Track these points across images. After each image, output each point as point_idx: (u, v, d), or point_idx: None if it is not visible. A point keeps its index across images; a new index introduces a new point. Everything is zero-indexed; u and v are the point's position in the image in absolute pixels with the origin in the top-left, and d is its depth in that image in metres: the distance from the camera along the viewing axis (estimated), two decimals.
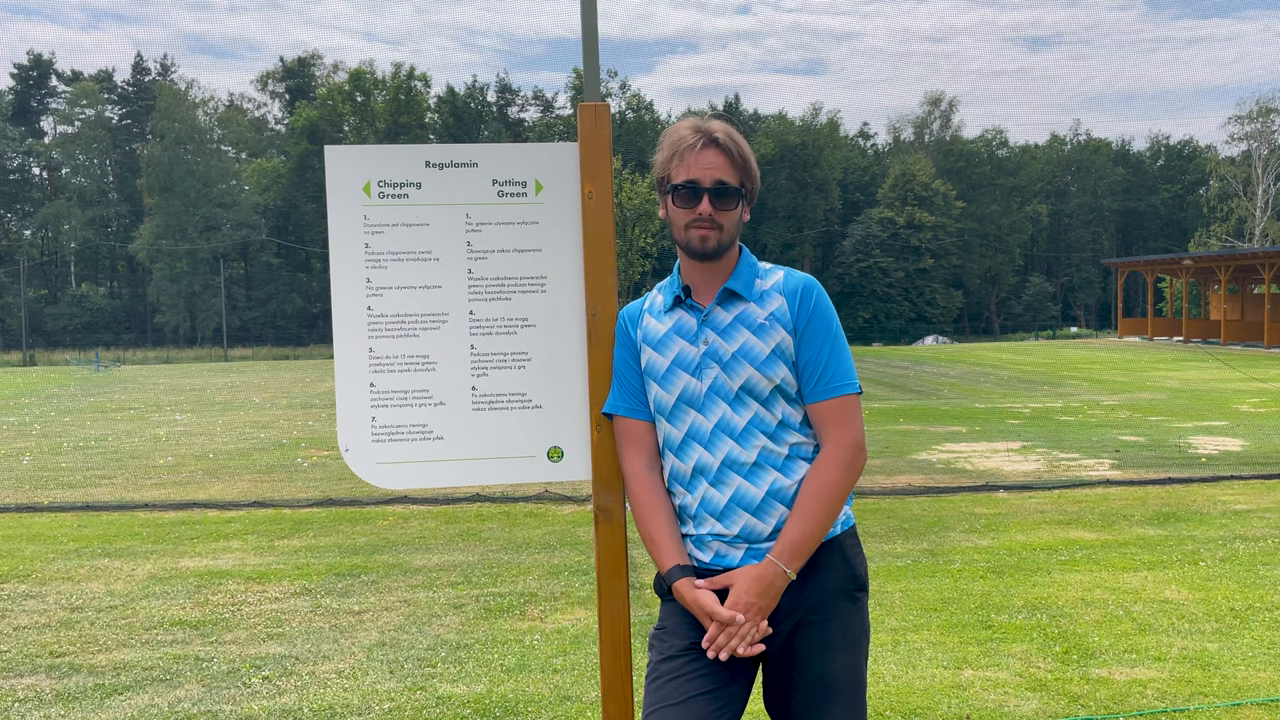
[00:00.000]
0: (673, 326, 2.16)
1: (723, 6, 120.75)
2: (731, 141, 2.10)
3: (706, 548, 2.10)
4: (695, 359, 2.10)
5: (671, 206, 2.13)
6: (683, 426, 2.11)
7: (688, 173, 2.08)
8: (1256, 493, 8.75)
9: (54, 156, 70.38)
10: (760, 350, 2.07)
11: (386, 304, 2.33)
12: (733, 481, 2.06)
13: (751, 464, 2.06)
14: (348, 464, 2.34)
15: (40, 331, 61.27)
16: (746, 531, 2.05)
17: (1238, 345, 38.87)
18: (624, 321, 2.27)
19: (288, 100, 74.52)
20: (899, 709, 4.02)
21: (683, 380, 2.11)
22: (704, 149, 2.08)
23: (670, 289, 2.21)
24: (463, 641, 4.97)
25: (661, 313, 2.20)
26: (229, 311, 62.13)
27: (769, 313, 2.11)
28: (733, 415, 2.07)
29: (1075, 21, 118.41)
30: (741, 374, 2.07)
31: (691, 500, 2.11)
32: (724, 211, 2.09)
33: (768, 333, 2.09)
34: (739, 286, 2.13)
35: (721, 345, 2.09)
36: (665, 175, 2.14)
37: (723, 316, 2.12)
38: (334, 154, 2.33)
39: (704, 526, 2.09)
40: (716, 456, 2.07)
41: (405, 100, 69.64)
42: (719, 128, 2.11)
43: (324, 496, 9.21)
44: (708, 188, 2.07)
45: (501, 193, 2.37)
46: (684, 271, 2.19)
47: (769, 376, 2.07)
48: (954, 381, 23.52)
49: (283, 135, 73.99)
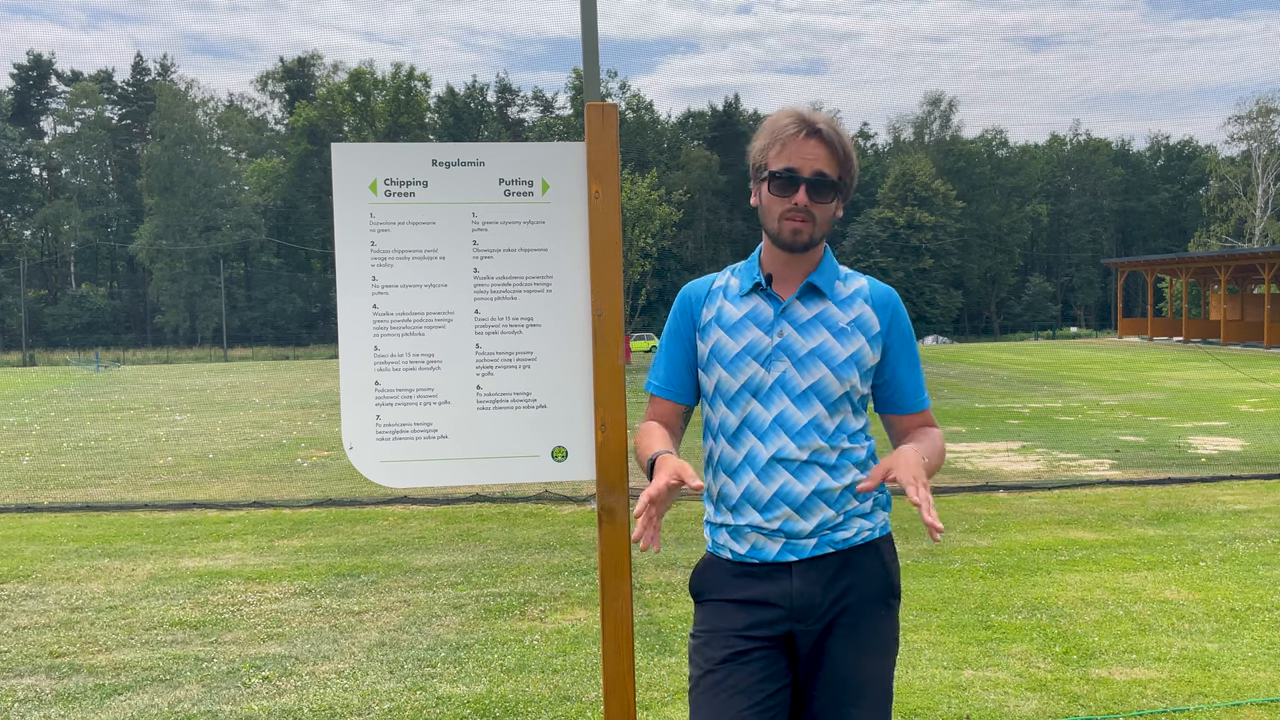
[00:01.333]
0: (748, 313, 2.11)
1: (723, 6, 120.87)
2: (835, 134, 2.05)
3: (744, 539, 2.08)
4: (767, 349, 2.07)
5: (766, 194, 2.08)
6: (740, 414, 2.08)
7: (787, 160, 2.03)
8: (1256, 493, 8.75)
9: (54, 156, 70.41)
10: (838, 354, 2.06)
11: (392, 302, 2.33)
12: (779, 476, 2.04)
13: (802, 462, 2.04)
14: (352, 462, 2.34)
15: (40, 332, 61.27)
16: (787, 526, 2.04)
17: (1238, 345, 38.88)
18: (687, 299, 2.21)
19: (287, 100, 74.54)
20: (899, 709, 4.02)
21: (750, 369, 2.07)
22: (807, 138, 2.03)
23: (749, 274, 2.15)
24: (463, 642, 4.97)
25: (738, 296, 2.14)
26: (229, 312, 62.12)
27: (852, 318, 2.09)
28: (794, 411, 2.05)
29: (1076, 21, 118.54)
30: (814, 373, 2.05)
31: (735, 489, 2.08)
32: (820, 204, 2.04)
33: (848, 338, 2.08)
34: (823, 283, 2.10)
35: (797, 340, 2.07)
36: (762, 162, 2.08)
37: (802, 312, 2.09)
38: (341, 151, 2.33)
39: (744, 517, 2.07)
40: (769, 449, 2.04)
41: (405, 100, 69.68)
42: (822, 119, 2.06)
43: (324, 496, 9.21)
44: (806, 178, 2.03)
45: (508, 192, 2.37)
46: (765, 260, 2.14)
47: (842, 381, 2.06)
48: (954, 381, 23.52)
49: (282, 135, 74.00)
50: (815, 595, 2.04)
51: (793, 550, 2.05)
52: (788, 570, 2.05)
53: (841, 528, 2.07)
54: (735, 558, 2.09)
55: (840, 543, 2.06)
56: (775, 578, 2.05)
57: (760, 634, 2.05)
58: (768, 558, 2.06)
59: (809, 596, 2.04)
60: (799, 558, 2.05)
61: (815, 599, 2.04)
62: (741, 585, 2.08)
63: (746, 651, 2.04)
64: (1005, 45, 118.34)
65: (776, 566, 2.06)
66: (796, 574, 2.05)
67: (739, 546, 2.09)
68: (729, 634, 2.06)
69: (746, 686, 2.01)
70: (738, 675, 2.02)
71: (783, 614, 2.05)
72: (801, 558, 2.05)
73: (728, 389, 2.10)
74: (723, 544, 2.12)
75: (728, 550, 2.11)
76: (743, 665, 2.03)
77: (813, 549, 2.05)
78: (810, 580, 2.04)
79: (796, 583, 2.04)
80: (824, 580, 2.04)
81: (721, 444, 2.12)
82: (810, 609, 2.04)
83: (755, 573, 2.07)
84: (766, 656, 2.04)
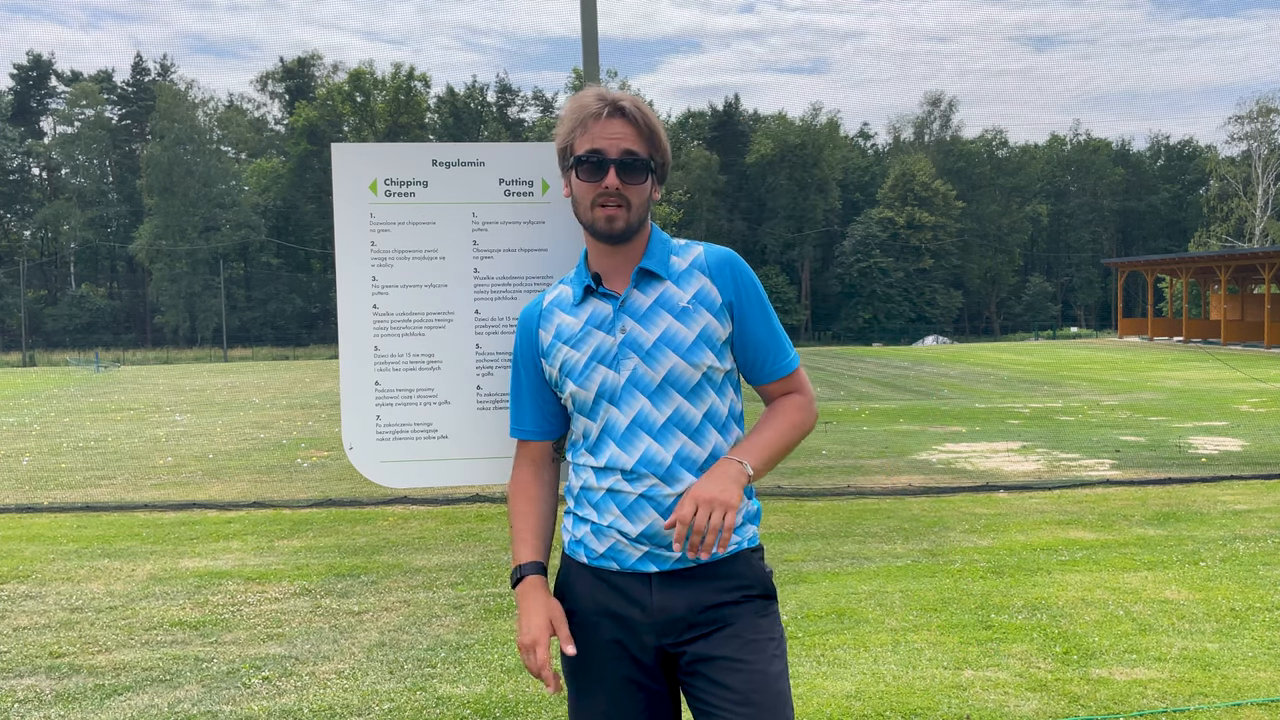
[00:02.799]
0: (587, 319, 1.98)
1: (726, 5, 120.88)
2: (638, 111, 1.95)
3: (604, 537, 1.96)
4: (612, 349, 1.94)
5: (575, 181, 1.95)
6: (600, 422, 1.96)
7: (592, 142, 1.92)
8: (1256, 493, 8.75)
9: (54, 157, 70.40)
10: (685, 337, 1.92)
11: (392, 302, 2.33)
12: (647, 482, 1.91)
13: (670, 464, 1.91)
14: (352, 462, 2.34)
15: (40, 332, 61.28)
16: (651, 532, 1.92)
17: (1238, 345, 38.87)
18: (524, 324, 2.08)
19: (287, 100, 74.54)
20: (899, 709, 4.02)
21: (600, 374, 1.94)
22: (609, 118, 1.92)
23: (578, 280, 2.02)
24: (463, 642, 4.97)
25: (572, 306, 2.01)
26: (229, 312, 62.12)
27: (692, 294, 1.95)
28: (652, 409, 1.92)
29: (1081, 20, 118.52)
30: (664, 364, 1.91)
31: (599, 489, 1.97)
32: (632, 185, 1.92)
33: (691, 317, 1.93)
34: (654, 265, 1.97)
35: (641, 333, 1.93)
36: (567, 147, 1.97)
37: (641, 300, 1.95)
38: (341, 151, 2.33)
39: (607, 517, 1.95)
40: (632, 455, 1.92)
41: (405, 100, 69.69)
42: (626, 97, 1.96)
43: (324, 497, 9.21)
44: (614, 159, 1.91)
45: (508, 192, 2.37)
46: (591, 259, 2.01)
47: (695, 365, 1.92)
48: (954, 381, 23.52)
49: (282, 135, 74.00)
50: (679, 608, 1.93)
51: (654, 560, 1.94)
52: (648, 580, 1.95)
53: None
54: (591, 557, 1.99)
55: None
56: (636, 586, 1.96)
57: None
58: (625, 564, 1.95)
59: (671, 610, 1.94)
60: (660, 569, 1.94)
61: (679, 612, 1.93)
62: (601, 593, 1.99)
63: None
64: (1009, 45, 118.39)
65: (637, 575, 1.96)
66: (657, 586, 1.94)
67: (598, 545, 1.98)
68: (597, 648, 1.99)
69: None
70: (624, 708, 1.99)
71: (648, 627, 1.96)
72: (663, 570, 1.94)
73: (584, 401, 1.98)
74: (580, 537, 2.01)
75: (585, 546, 2.00)
76: (632, 696, 1.98)
77: (675, 562, 1.94)
78: (673, 593, 1.94)
79: (657, 595, 1.94)
80: (689, 593, 1.94)
81: (584, 455, 2.01)
82: (674, 622, 1.94)
83: (612, 579, 1.97)
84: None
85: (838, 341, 66.50)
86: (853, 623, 5.14)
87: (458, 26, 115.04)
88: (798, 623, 5.14)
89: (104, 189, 70.31)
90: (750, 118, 78.01)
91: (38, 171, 72.43)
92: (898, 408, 17.21)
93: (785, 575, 6.04)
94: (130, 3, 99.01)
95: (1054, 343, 51.14)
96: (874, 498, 8.77)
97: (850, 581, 5.95)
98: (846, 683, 4.31)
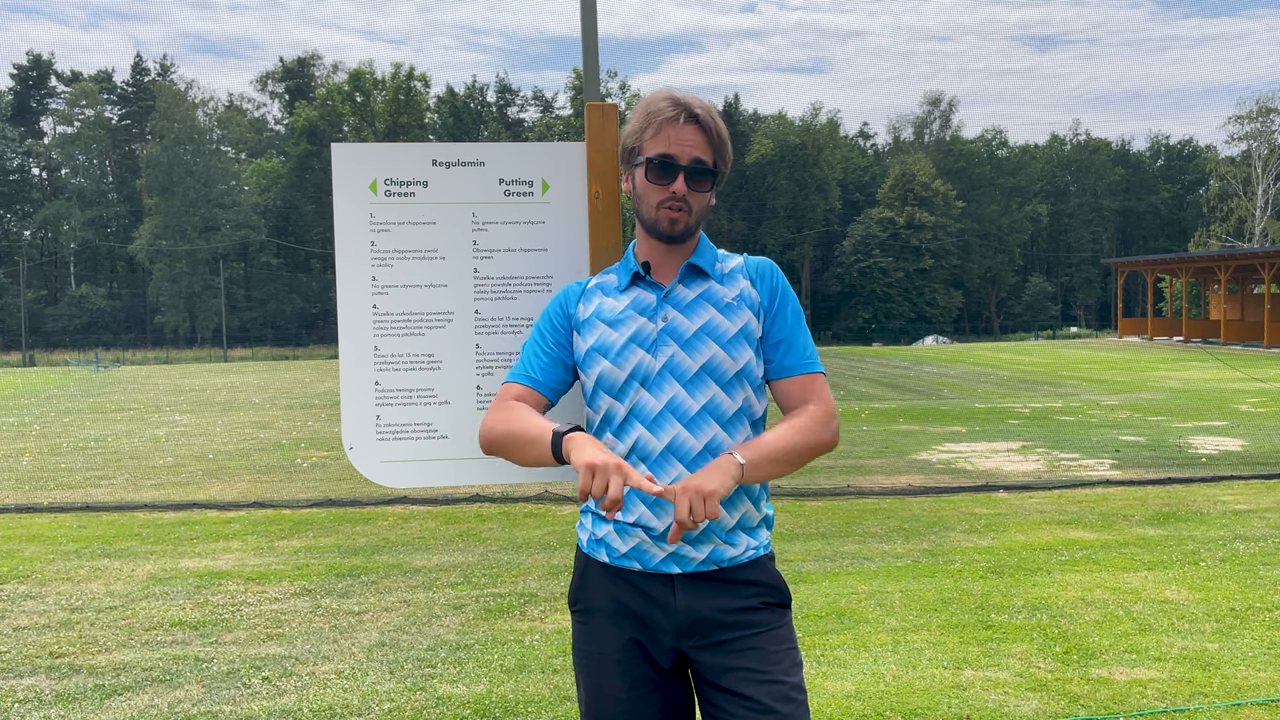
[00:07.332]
0: (630, 303, 2.00)
1: (727, 4, 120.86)
2: (711, 120, 1.97)
3: (629, 536, 1.94)
4: (652, 335, 1.95)
5: (641, 180, 1.98)
6: (628, 404, 1.94)
7: (665, 146, 1.94)
8: (1256, 493, 8.75)
9: (54, 157, 70.39)
10: (727, 329, 1.95)
11: (392, 302, 2.33)
12: (674, 469, 1.90)
13: (699, 452, 1.90)
14: (352, 462, 2.34)
15: (40, 332, 61.25)
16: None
17: (1238, 345, 38.87)
18: (564, 296, 2.09)
19: (287, 100, 74.53)
20: (899, 709, 4.02)
21: (637, 356, 1.94)
22: (684, 124, 1.94)
23: (625, 267, 2.06)
24: (463, 642, 4.97)
25: (616, 291, 2.04)
26: (228, 312, 62.10)
27: (736, 294, 2.00)
28: (686, 397, 1.92)
29: (1084, 19, 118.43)
30: (704, 353, 1.93)
31: None
32: (697, 193, 1.96)
33: (735, 312, 1.97)
34: (703, 263, 2.01)
35: (683, 322, 1.96)
36: (636, 146, 1.98)
37: (685, 294, 1.99)
38: (341, 151, 2.33)
39: (631, 514, 1.93)
40: (661, 440, 1.91)
41: (405, 100, 69.65)
42: (699, 103, 1.97)
43: (324, 497, 9.21)
44: (684, 165, 1.94)
45: (508, 192, 2.37)
46: (641, 251, 2.05)
47: (734, 357, 1.94)
48: (954, 381, 23.52)
49: (282, 135, 74.00)
50: (701, 611, 1.93)
51: (678, 560, 1.93)
52: (670, 582, 1.94)
53: (730, 543, 1.95)
54: (612, 557, 1.97)
55: (726, 560, 1.94)
56: (658, 587, 1.94)
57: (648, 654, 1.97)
58: (648, 565, 1.94)
59: (693, 612, 1.93)
60: (684, 571, 1.93)
61: (701, 614, 1.93)
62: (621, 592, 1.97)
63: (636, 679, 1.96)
64: (1011, 44, 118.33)
65: (660, 576, 1.94)
66: (679, 587, 1.93)
67: (620, 545, 1.96)
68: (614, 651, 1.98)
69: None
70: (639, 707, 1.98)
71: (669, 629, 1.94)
72: (686, 571, 1.93)
73: (614, 381, 1.95)
74: (602, 536, 1.99)
75: (607, 545, 1.98)
76: (646, 697, 1.97)
77: (699, 564, 1.93)
78: (695, 596, 1.93)
79: (680, 597, 1.93)
80: (709, 595, 1.93)
81: (607, 438, 1.98)
82: (695, 625, 1.93)
83: (633, 579, 1.95)
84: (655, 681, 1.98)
85: (838, 341, 66.48)
86: (853, 623, 5.14)
87: (458, 26, 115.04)
88: (798, 623, 5.14)
89: (104, 189, 70.30)
90: (750, 117, 77.99)
91: (37, 171, 72.42)
92: (898, 408, 17.21)
93: (785, 575, 6.02)
94: (130, 2, 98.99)
95: (1054, 343, 51.14)
96: (874, 498, 8.77)
97: (850, 581, 5.95)
98: (846, 683, 4.31)
